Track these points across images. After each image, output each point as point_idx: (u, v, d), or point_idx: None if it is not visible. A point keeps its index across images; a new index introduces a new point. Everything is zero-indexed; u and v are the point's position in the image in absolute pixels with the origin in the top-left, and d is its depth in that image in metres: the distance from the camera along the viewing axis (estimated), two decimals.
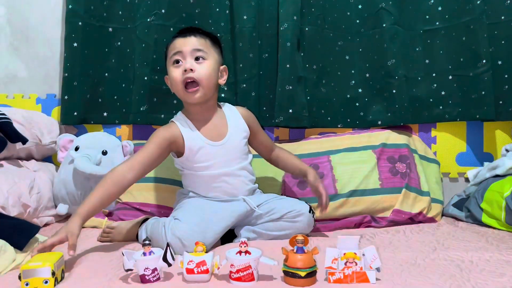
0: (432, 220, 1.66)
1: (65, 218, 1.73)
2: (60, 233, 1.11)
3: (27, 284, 0.93)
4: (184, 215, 1.27)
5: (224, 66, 1.43)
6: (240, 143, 1.42)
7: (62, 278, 1.01)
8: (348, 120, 1.93)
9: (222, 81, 1.41)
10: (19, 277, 0.94)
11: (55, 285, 0.95)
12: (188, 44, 1.32)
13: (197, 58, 1.33)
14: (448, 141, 1.93)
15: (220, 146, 1.37)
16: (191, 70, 1.30)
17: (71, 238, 1.09)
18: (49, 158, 1.94)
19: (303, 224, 1.36)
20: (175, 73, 1.33)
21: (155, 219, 1.36)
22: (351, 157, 1.75)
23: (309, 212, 1.38)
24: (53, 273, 0.94)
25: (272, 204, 1.39)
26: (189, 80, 1.31)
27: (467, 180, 1.89)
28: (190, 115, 1.39)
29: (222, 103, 1.50)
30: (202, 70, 1.32)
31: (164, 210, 1.61)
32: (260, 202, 1.39)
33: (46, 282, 0.93)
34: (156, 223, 1.30)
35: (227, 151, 1.38)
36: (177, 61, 1.33)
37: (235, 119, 1.44)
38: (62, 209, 1.67)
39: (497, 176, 1.65)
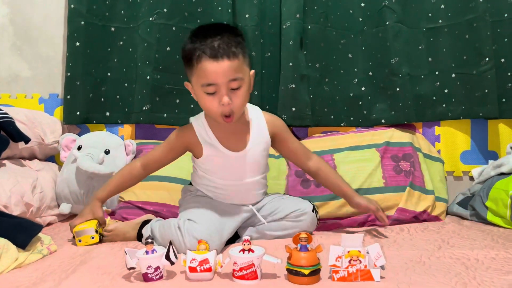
0: (436, 218, 1.65)
1: (68, 217, 1.73)
2: (84, 215, 1.33)
3: (80, 241, 1.31)
4: (197, 216, 1.24)
5: (252, 71, 1.27)
6: (258, 156, 1.33)
7: (102, 237, 1.35)
8: (352, 118, 1.92)
9: (251, 87, 1.27)
10: (73, 237, 1.32)
11: (100, 241, 1.33)
12: (223, 73, 1.14)
13: (233, 87, 1.17)
14: (452, 139, 1.92)
15: (237, 157, 1.29)
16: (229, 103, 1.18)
17: (102, 220, 1.35)
18: (52, 157, 1.94)
19: (306, 223, 1.35)
20: (211, 104, 1.18)
21: (159, 220, 1.35)
22: (355, 156, 1.74)
23: (313, 211, 1.37)
24: (96, 231, 1.31)
25: (276, 203, 1.38)
26: (227, 114, 1.20)
27: (471, 178, 1.87)
28: (211, 121, 1.29)
29: (250, 105, 1.36)
30: (238, 100, 1.18)
31: (167, 208, 1.61)
32: (264, 204, 1.38)
33: (92, 237, 1.31)
34: (166, 225, 1.26)
35: (244, 163, 1.31)
36: (212, 93, 1.17)
37: (258, 128, 1.33)
38: (65, 208, 1.67)
39: (502, 174, 1.64)
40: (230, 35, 1.18)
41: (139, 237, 1.35)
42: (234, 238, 1.36)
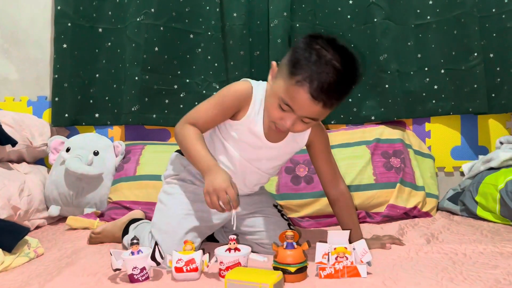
0: (427, 214, 1.65)
1: (58, 220, 1.72)
2: (226, 183, 0.99)
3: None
4: (163, 235, 1.14)
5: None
6: (284, 155, 1.24)
7: None
8: (342, 116, 1.92)
9: None
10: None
11: None
12: (307, 111, 1.04)
13: (304, 121, 1.07)
14: (443, 135, 1.92)
15: (267, 146, 1.18)
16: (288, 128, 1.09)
17: (232, 191, 0.98)
18: (41, 160, 1.92)
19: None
20: (274, 113, 1.07)
21: (135, 231, 1.29)
22: (345, 153, 1.74)
23: None
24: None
25: (259, 222, 1.28)
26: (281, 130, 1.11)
27: (462, 173, 1.87)
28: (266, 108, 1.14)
29: None
30: (299, 128, 1.09)
31: (155, 207, 1.59)
32: (250, 211, 1.28)
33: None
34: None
35: (268, 154, 1.20)
36: (284, 109, 1.06)
37: None
38: (54, 210, 1.66)
39: (491, 169, 1.64)
40: (349, 78, 1.03)
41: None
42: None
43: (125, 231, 1.32)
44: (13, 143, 1.57)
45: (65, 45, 1.85)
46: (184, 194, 1.21)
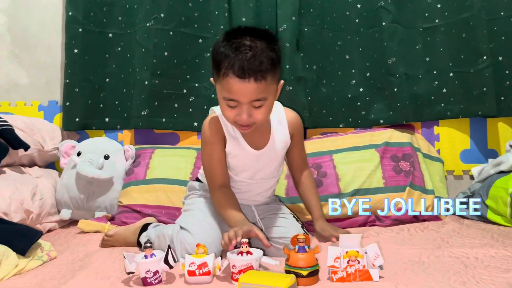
0: (436, 218, 1.64)
1: (69, 223, 1.73)
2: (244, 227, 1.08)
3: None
4: (192, 225, 1.21)
5: (281, 82, 1.20)
6: (277, 155, 1.31)
7: None
8: (350, 119, 1.92)
9: (277, 96, 1.22)
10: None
11: None
12: (246, 94, 1.09)
13: (255, 106, 1.13)
14: (452, 138, 1.92)
15: (257, 155, 1.27)
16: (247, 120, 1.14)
17: (260, 233, 1.07)
18: (52, 164, 1.95)
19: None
20: (229, 114, 1.15)
21: (156, 226, 1.34)
22: (354, 156, 1.74)
23: None
24: None
25: (272, 222, 1.32)
26: (245, 125, 1.17)
27: (472, 177, 1.87)
28: None
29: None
30: (259, 116, 1.14)
31: (165, 210, 1.61)
32: (268, 213, 1.36)
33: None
34: (161, 237, 1.25)
35: (262, 162, 1.29)
36: (233, 106, 1.13)
37: (279, 127, 1.30)
38: (66, 214, 1.67)
39: (501, 172, 1.63)
40: (265, 49, 1.10)
41: (139, 243, 1.35)
42: None
43: (143, 230, 1.35)
44: (26, 147, 1.59)
45: (76, 50, 1.87)
46: (205, 202, 1.31)
